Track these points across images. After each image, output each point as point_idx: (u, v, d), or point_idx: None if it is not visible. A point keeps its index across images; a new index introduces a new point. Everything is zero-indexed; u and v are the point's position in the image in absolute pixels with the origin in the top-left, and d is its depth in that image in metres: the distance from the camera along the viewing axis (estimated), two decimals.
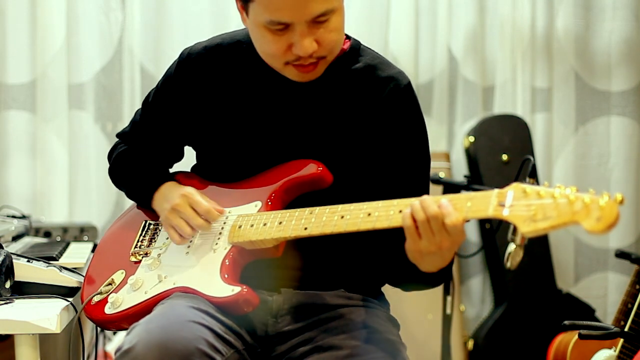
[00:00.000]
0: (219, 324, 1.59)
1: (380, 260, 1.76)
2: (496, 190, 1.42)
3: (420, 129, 1.77)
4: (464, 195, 1.46)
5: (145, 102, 1.93)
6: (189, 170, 1.93)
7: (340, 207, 1.58)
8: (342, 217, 1.56)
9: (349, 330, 1.67)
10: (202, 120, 1.82)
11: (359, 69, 1.76)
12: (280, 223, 1.63)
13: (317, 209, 1.61)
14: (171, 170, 1.96)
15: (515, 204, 1.37)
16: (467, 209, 1.44)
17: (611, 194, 1.30)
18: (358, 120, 1.74)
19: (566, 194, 1.32)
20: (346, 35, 1.80)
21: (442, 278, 1.72)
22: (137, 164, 1.91)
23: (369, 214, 1.54)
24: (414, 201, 1.49)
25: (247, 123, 1.78)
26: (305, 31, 1.61)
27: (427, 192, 1.77)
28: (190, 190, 1.77)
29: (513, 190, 1.39)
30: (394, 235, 1.56)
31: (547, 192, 1.35)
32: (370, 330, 1.69)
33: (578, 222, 1.30)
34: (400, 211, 1.50)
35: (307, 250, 1.73)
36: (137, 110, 1.97)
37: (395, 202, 1.53)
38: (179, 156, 1.96)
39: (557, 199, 1.33)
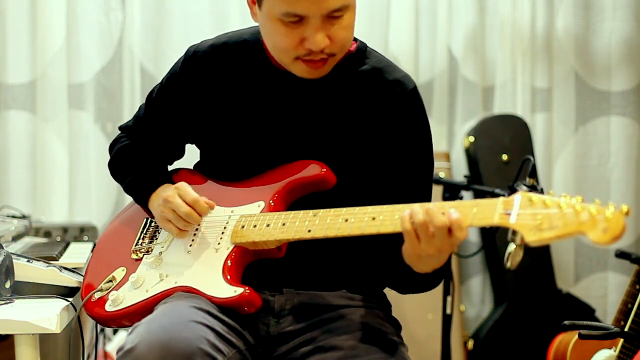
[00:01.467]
0: (221, 324, 1.59)
1: (379, 262, 1.76)
2: (502, 198, 1.42)
3: (425, 133, 1.77)
4: (470, 202, 1.46)
5: (149, 98, 1.93)
6: (191, 167, 1.93)
7: (344, 210, 1.58)
8: (346, 220, 1.56)
9: (350, 330, 1.67)
10: (207, 118, 1.82)
11: (366, 71, 1.76)
12: (284, 224, 1.63)
13: (320, 212, 1.60)
14: (172, 168, 1.96)
15: (522, 213, 1.37)
16: (472, 215, 1.43)
17: (614, 201, 1.31)
18: (363, 122, 1.74)
19: (572, 204, 1.33)
20: (353, 37, 1.80)
21: (437, 280, 1.72)
22: (137, 161, 1.91)
23: (374, 218, 1.53)
24: (416, 206, 1.48)
25: (252, 122, 1.78)
26: (319, 25, 1.61)
27: (430, 196, 1.77)
28: (181, 183, 1.77)
29: (519, 198, 1.39)
30: (393, 237, 1.55)
31: (553, 202, 1.35)
32: (372, 331, 1.69)
33: (584, 233, 1.31)
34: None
35: (309, 251, 1.72)
36: (141, 105, 1.97)
37: (400, 206, 1.52)
38: (180, 153, 1.96)
39: (564, 208, 1.33)
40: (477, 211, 1.43)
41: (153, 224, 1.87)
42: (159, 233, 1.83)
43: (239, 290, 1.62)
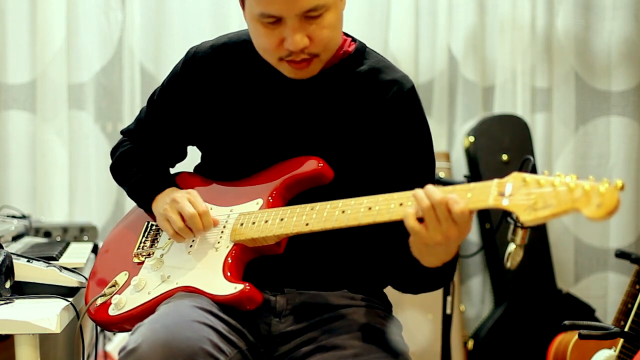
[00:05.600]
0: (223, 324, 1.59)
1: (384, 260, 1.75)
2: (496, 180, 1.41)
3: (423, 132, 1.77)
4: (464, 186, 1.45)
5: (151, 100, 1.93)
6: (191, 170, 1.94)
7: (341, 202, 1.58)
8: (343, 212, 1.56)
9: (351, 330, 1.67)
10: (208, 118, 1.82)
11: (363, 71, 1.76)
12: (282, 220, 1.64)
13: (318, 205, 1.61)
14: (173, 170, 1.96)
15: (516, 193, 1.37)
16: (467, 199, 1.43)
17: (611, 182, 1.30)
18: (361, 121, 1.74)
19: (566, 182, 1.32)
20: (352, 37, 1.80)
21: (446, 275, 1.70)
22: (140, 164, 1.91)
23: (370, 208, 1.53)
24: (417, 191, 1.47)
25: (252, 121, 1.78)
26: (296, 26, 1.61)
27: None
28: (194, 191, 1.77)
29: (513, 179, 1.39)
30: (398, 232, 1.55)
31: (546, 181, 1.35)
32: (373, 331, 1.69)
33: (578, 210, 1.30)
34: (401, 204, 1.49)
35: (310, 251, 1.73)
36: (143, 108, 1.97)
37: (395, 195, 1.52)
38: (182, 156, 1.97)
39: (557, 187, 1.33)
40: (472, 195, 1.43)
41: (154, 227, 1.87)
42: (159, 236, 1.84)
43: (239, 286, 1.62)
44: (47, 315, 1.66)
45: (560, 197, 1.32)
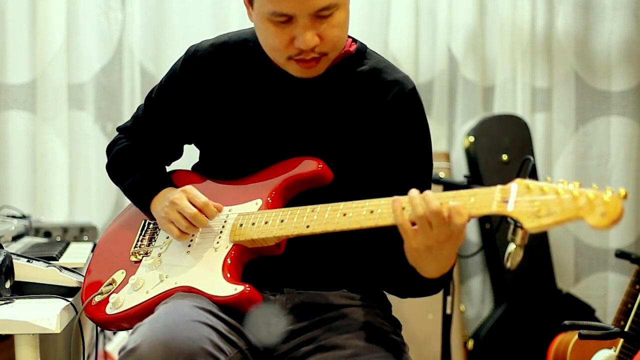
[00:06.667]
0: (223, 324, 1.59)
1: (381, 264, 1.75)
2: (499, 187, 1.41)
3: (424, 133, 1.77)
4: (467, 191, 1.45)
5: (148, 98, 1.93)
6: (189, 168, 1.93)
7: (342, 204, 1.58)
8: (345, 214, 1.56)
9: (351, 329, 1.67)
10: (206, 117, 1.82)
11: (365, 71, 1.76)
12: (282, 221, 1.63)
13: (318, 207, 1.60)
14: (169, 168, 1.96)
15: (519, 200, 1.37)
16: (470, 205, 1.43)
17: (614, 190, 1.30)
18: (362, 122, 1.74)
19: (570, 190, 1.32)
20: (353, 38, 1.80)
21: (441, 284, 1.70)
22: (136, 163, 1.91)
23: (372, 212, 1.53)
24: (414, 196, 1.46)
25: (251, 121, 1.78)
26: (307, 24, 1.61)
27: None
28: (189, 187, 1.76)
29: (516, 186, 1.39)
30: (396, 234, 1.55)
31: (550, 188, 1.34)
32: (373, 330, 1.69)
33: (582, 218, 1.30)
34: (404, 208, 1.49)
35: (309, 251, 1.72)
36: (140, 106, 1.97)
37: (398, 198, 1.51)
38: (178, 154, 1.96)
39: (561, 194, 1.32)
40: (475, 200, 1.42)
41: (151, 225, 1.87)
42: (157, 234, 1.83)
43: (240, 288, 1.62)
44: (47, 315, 1.66)
45: (564, 205, 1.31)
